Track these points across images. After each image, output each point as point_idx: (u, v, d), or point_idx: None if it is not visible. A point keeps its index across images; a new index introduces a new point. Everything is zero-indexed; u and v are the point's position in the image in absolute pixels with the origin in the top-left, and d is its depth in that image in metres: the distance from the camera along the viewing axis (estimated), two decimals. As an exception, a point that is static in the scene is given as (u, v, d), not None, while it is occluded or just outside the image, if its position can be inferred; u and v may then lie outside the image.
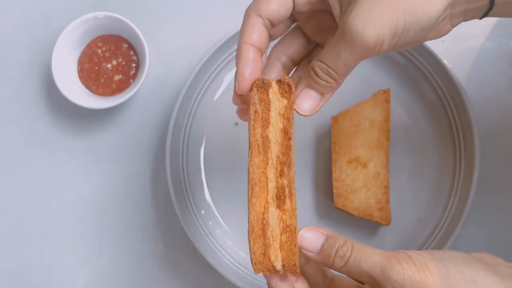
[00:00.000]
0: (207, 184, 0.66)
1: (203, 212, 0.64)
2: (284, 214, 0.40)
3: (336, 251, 0.38)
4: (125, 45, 0.66)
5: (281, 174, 0.40)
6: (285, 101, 0.41)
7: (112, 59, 0.66)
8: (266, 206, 0.40)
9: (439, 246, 0.59)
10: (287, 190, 0.40)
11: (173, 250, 0.66)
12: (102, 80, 0.66)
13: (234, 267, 0.62)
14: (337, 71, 0.40)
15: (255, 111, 0.41)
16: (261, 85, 0.41)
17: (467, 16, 0.42)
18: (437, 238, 0.60)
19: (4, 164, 0.68)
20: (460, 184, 0.61)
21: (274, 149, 0.41)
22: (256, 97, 0.41)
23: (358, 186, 0.61)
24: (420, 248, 0.61)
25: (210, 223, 0.64)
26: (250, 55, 0.41)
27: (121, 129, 0.68)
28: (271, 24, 0.42)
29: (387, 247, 0.63)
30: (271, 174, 0.40)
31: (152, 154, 0.68)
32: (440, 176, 0.63)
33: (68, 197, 0.67)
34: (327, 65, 0.40)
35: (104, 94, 0.66)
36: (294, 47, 0.46)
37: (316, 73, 0.41)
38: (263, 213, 0.40)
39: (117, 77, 0.66)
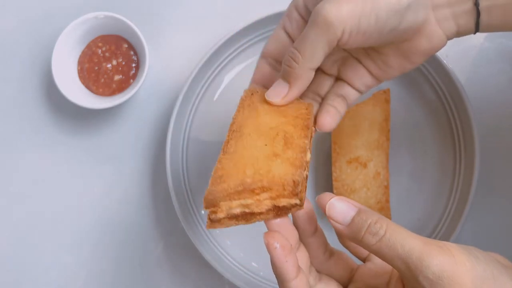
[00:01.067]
0: (207, 184, 0.66)
1: (203, 212, 0.64)
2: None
3: (368, 226, 0.35)
4: (125, 45, 0.66)
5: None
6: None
7: (112, 59, 0.66)
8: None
9: (439, 246, 0.59)
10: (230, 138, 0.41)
11: (173, 250, 0.66)
12: (102, 80, 0.66)
13: (234, 267, 0.62)
14: (302, 52, 0.41)
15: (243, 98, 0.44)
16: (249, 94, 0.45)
17: (459, 22, 0.42)
18: (437, 238, 0.60)
19: (4, 164, 0.68)
20: (460, 184, 0.61)
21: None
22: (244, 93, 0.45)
23: (358, 186, 0.61)
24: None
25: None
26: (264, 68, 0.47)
27: (121, 129, 0.68)
28: (275, 60, 0.48)
29: (387, 247, 0.63)
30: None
31: (152, 154, 0.68)
32: (440, 176, 0.63)
33: (68, 197, 0.68)
34: (294, 47, 0.41)
35: (104, 94, 0.66)
36: None
37: (284, 61, 0.43)
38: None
39: (117, 77, 0.66)
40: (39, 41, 0.69)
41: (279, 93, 0.44)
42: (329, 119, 0.45)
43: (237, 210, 0.38)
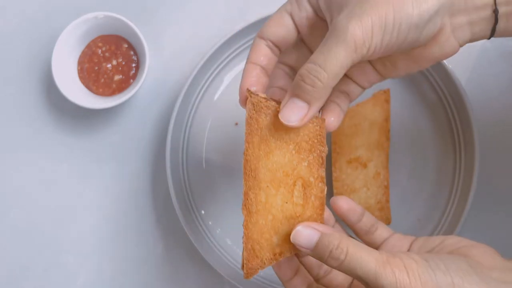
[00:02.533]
0: (207, 184, 0.66)
1: (203, 212, 0.64)
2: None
3: (330, 252, 0.38)
4: (125, 45, 0.66)
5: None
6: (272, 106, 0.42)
7: (112, 59, 0.66)
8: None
9: (439, 246, 0.59)
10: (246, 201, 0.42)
11: (173, 250, 0.66)
12: (102, 80, 0.66)
13: (234, 267, 0.62)
14: (327, 69, 0.38)
15: (250, 116, 0.42)
16: (251, 94, 0.42)
17: (474, 30, 0.41)
18: (437, 238, 0.60)
19: (4, 164, 0.68)
20: (460, 184, 0.61)
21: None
22: (250, 104, 0.41)
23: (358, 186, 0.61)
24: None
25: (210, 223, 0.64)
26: (253, 72, 0.43)
27: (121, 129, 0.68)
28: (275, 44, 0.44)
29: (387, 247, 0.63)
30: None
31: (152, 154, 0.68)
32: (440, 176, 0.63)
33: (68, 197, 0.68)
34: (317, 64, 0.38)
35: (104, 94, 0.66)
36: (296, 56, 0.46)
37: (303, 78, 0.39)
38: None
39: (117, 77, 0.66)
40: (39, 41, 0.69)
41: (296, 114, 0.40)
42: (333, 119, 0.44)
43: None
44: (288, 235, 0.41)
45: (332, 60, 0.38)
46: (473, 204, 0.59)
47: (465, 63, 0.66)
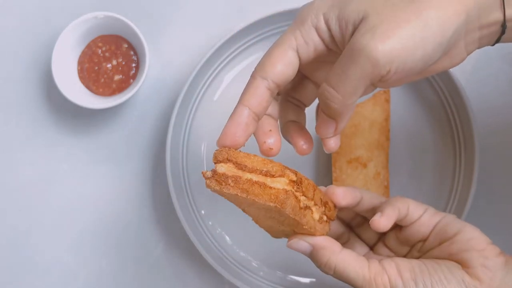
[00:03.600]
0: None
1: (203, 212, 0.64)
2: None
3: (320, 266, 0.43)
4: (125, 45, 0.66)
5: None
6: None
7: (112, 59, 0.66)
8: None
9: (439, 246, 0.59)
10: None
11: (173, 250, 0.66)
12: (102, 80, 0.66)
13: (234, 267, 0.62)
14: (341, 90, 0.36)
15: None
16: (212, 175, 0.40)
17: (482, 42, 0.40)
18: (437, 238, 0.60)
19: (4, 164, 0.68)
20: (460, 184, 0.61)
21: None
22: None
23: (358, 186, 0.61)
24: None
25: (210, 223, 0.64)
26: (242, 117, 0.39)
27: (121, 129, 0.68)
28: (277, 86, 0.39)
29: (387, 247, 0.63)
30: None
31: (152, 154, 0.68)
32: (440, 176, 0.63)
33: (68, 197, 0.67)
34: (331, 85, 0.37)
35: (104, 94, 0.66)
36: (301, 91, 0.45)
37: (321, 97, 0.38)
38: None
39: (117, 77, 0.66)
40: (39, 41, 0.69)
41: (328, 129, 0.40)
42: (332, 142, 0.42)
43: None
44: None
45: (346, 83, 0.36)
46: (473, 204, 0.59)
47: (465, 63, 0.65)
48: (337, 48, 0.39)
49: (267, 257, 0.64)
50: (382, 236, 0.48)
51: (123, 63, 0.66)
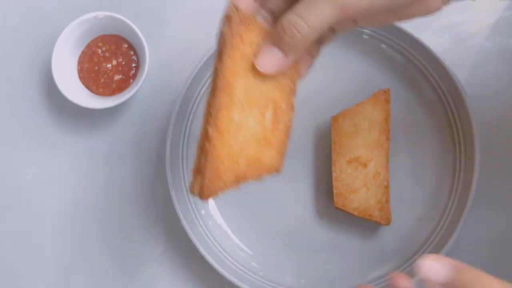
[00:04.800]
0: (207, 184, 0.66)
1: (203, 212, 0.64)
2: (206, 141, 0.39)
3: None
4: (125, 45, 0.66)
5: (209, 105, 0.40)
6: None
7: (112, 59, 0.66)
8: (202, 133, 0.41)
9: (439, 246, 0.59)
10: (211, 120, 0.39)
11: (173, 250, 0.66)
12: (102, 80, 0.66)
13: (234, 267, 0.62)
14: (310, 23, 0.36)
15: (234, 30, 0.39)
16: (238, 9, 0.40)
17: None
18: (437, 238, 0.60)
19: (4, 164, 0.68)
20: (460, 184, 0.61)
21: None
22: (237, 18, 0.39)
23: (358, 186, 0.61)
24: (420, 248, 0.61)
25: (210, 223, 0.64)
26: None
27: (121, 129, 0.68)
28: None
29: (387, 247, 0.63)
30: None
31: (152, 154, 0.68)
32: (440, 176, 0.63)
33: (68, 197, 0.68)
34: (300, 16, 0.37)
35: (104, 94, 0.66)
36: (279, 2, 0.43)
37: (283, 28, 0.38)
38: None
39: (117, 77, 0.66)
40: (39, 41, 0.69)
41: (272, 63, 0.39)
42: (303, 66, 0.43)
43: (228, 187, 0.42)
44: (255, 159, 0.41)
45: (316, 15, 0.36)
46: (473, 204, 0.59)
47: (465, 63, 0.66)
48: None
49: (267, 257, 0.64)
50: None
51: (123, 63, 0.66)
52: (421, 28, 0.64)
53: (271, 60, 0.39)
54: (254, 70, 0.40)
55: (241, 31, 0.39)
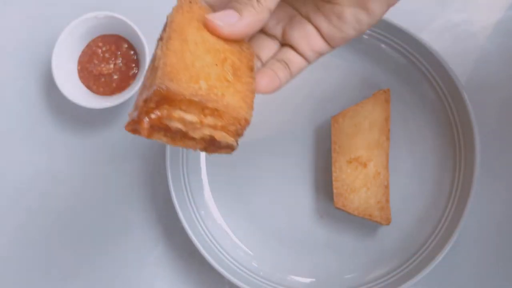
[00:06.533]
0: (207, 184, 0.66)
1: (203, 212, 0.64)
2: (153, 63, 0.34)
3: None
4: (125, 45, 0.66)
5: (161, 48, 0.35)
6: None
7: (112, 59, 0.66)
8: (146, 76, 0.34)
9: (439, 246, 0.59)
10: (160, 49, 0.35)
11: (173, 250, 0.66)
12: (102, 79, 0.66)
13: (234, 267, 0.62)
14: None
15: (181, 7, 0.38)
16: None
17: None
18: (437, 238, 0.60)
19: (4, 164, 0.68)
20: (460, 184, 0.61)
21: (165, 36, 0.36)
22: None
23: (358, 186, 0.61)
24: (420, 248, 0.61)
25: (210, 223, 0.64)
26: None
27: (121, 129, 0.68)
28: None
29: (387, 247, 0.63)
30: (158, 52, 0.35)
31: (152, 154, 0.68)
32: (440, 176, 0.63)
33: (68, 197, 0.67)
34: None
35: (104, 94, 0.66)
36: None
37: None
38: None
39: (117, 77, 0.66)
40: (39, 41, 0.69)
41: (225, 19, 0.37)
42: (266, 81, 0.39)
43: (175, 124, 0.33)
44: (219, 92, 0.34)
45: None
46: (473, 204, 0.59)
47: (465, 63, 0.66)
48: None
49: (267, 257, 0.64)
50: None
51: (123, 63, 0.66)
52: (421, 28, 0.64)
53: (224, 16, 0.37)
54: (204, 31, 0.36)
55: (192, 6, 0.38)
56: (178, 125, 0.33)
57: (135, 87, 0.63)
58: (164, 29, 0.37)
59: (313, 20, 0.41)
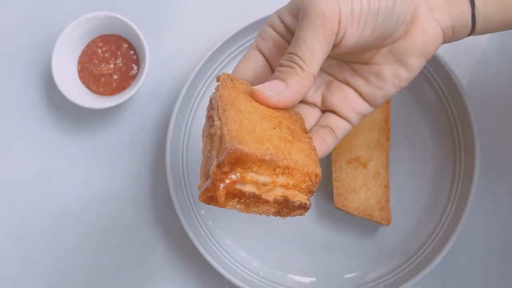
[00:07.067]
0: (207, 184, 0.66)
1: (203, 212, 0.64)
2: (216, 134, 0.34)
3: None
4: (125, 45, 0.66)
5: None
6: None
7: (112, 59, 0.66)
8: (208, 148, 0.34)
9: (439, 246, 0.59)
10: (218, 121, 0.35)
11: (173, 250, 0.66)
12: (102, 79, 0.66)
13: (234, 267, 0.62)
14: (300, 54, 0.37)
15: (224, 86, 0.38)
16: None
17: (452, 12, 0.40)
18: (437, 238, 0.60)
19: (4, 164, 0.68)
20: (460, 184, 0.61)
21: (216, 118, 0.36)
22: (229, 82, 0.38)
23: (358, 186, 0.61)
24: (420, 248, 0.61)
25: (210, 223, 0.64)
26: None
27: (121, 129, 0.68)
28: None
29: (387, 247, 0.63)
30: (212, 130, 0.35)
31: (152, 154, 0.68)
32: (440, 176, 0.63)
33: (68, 197, 0.68)
34: (290, 52, 0.38)
35: (104, 94, 0.66)
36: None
37: (280, 64, 0.38)
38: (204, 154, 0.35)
39: (117, 77, 0.66)
40: (39, 41, 0.69)
41: (273, 89, 0.38)
42: (316, 145, 0.40)
43: (249, 188, 0.33)
44: (286, 151, 0.34)
45: (301, 44, 0.37)
46: (473, 204, 0.59)
47: (465, 63, 0.66)
48: None
49: (267, 257, 0.64)
50: None
51: (123, 63, 0.66)
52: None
53: (272, 86, 0.38)
54: (252, 101, 0.37)
55: (234, 84, 0.38)
56: (252, 189, 0.33)
57: (135, 87, 0.63)
58: (211, 107, 0.38)
59: (352, 83, 0.42)
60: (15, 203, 0.68)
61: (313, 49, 0.37)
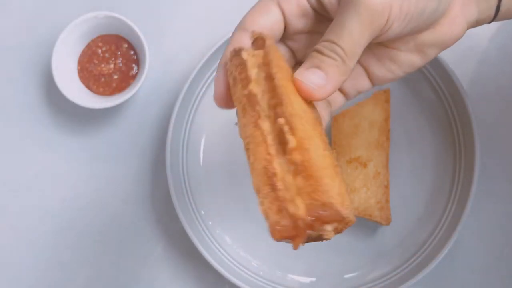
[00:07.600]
0: (207, 184, 0.66)
1: (203, 212, 0.64)
2: (291, 154, 0.31)
3: None
4: (125, 45, 0.66)
5: (276, 116, 0.32)
6: (261, 52, 0.35)
7: (112, 59, 0.66)
8: (268, 158, 0.32)
9: (439, 246, 0.59)
10: (286, 127, 0.32)
11: (173, 250, 0.66)
12: (102, 79, 0.66)
13: (234, 267, 0.62)
14: (343, 45, 0.34)
15: (233, 78, 0.35)
16: (234, 54, 0.36)
17: (480, 6, 0.39)
18: (437, 238, 0.60)
19: (3, 164, 0.68)
20: (460, 184, 0.61)
21: (263, 100, 0.33)
22: (232, 65, 0.36)
23: (358, 186, 0.61)
24: (420, 248, 0.61)
25: (210, 223, 0.64)
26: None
27: (121, 129, 0.68)
28: None
29: (387, 247, 0.63)
30: (266, 125, 0.33)
31: (152, 154, 0.68)
32: (440, 176, 0.63)
33: (68, 197, 0.67)
34: (331, 41, 0.35)
35: (104, 94, 0.66)
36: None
37: (320, 51, 0.35)
38: (266, 167, 0.32)
39: (117, 77, 0.66)
40: (39, 41, 0.69)
41: (315, 81, 0.35)
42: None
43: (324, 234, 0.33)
44: (350, 202, 0.32)
45: (346, 36, 0.34)
46: (473, 204, 0.59)
47: (466, 63, 0.66)
48: (325, 13, 0.38)
49: (267, 257, 0.64)
50: None
51: (123, 63, 0.66)
52: (421, 28, 0.64)
53: (313, 76, 0.35)
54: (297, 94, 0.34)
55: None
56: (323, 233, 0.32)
57: (135, 87, 0.63)
58: (241, 69, 0.35)
59: (363, 61, 0.41)
60: (14, 202, 0.68)
61: (358, 43, 0.35)
